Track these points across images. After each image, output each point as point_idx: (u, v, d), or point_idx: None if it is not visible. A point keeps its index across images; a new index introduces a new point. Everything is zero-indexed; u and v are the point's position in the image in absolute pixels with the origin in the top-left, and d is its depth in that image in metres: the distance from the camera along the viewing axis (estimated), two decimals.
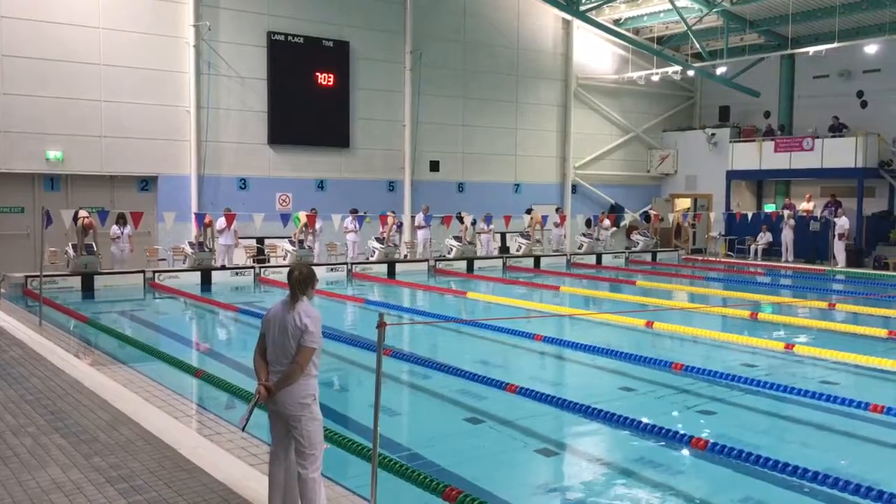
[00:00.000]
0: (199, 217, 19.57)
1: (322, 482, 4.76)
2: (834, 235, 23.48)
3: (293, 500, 4.78)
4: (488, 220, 23.41)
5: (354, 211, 21.55)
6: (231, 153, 21.60)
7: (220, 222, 19.35)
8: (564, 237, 25.89)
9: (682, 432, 7.14)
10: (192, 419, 7.52)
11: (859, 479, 5.70)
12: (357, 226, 21.25)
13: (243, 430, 5.02)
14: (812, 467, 5.92)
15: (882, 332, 12.19)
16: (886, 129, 24.91)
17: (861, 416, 7.78)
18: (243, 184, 21.80)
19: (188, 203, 20.75)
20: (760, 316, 14.13)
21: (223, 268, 19.36)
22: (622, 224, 27.45)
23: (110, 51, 19.69)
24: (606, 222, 26.45)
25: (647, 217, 27.01)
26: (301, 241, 20.08)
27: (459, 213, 23.55)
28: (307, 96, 22.53)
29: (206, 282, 18.66)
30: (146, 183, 20.70)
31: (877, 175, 24.80)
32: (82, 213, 17.26)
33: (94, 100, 19.56)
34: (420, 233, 22.80)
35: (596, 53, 28.79)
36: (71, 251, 17.41)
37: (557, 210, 26.32)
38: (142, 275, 18.11)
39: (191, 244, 19.27)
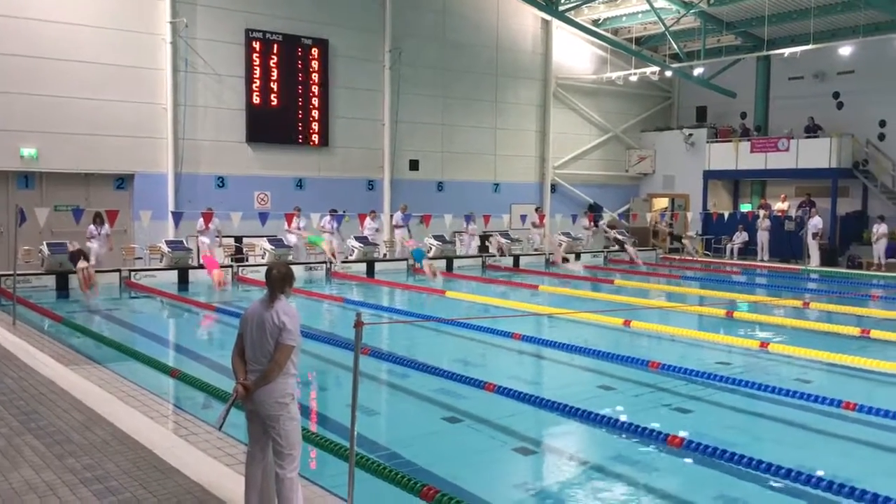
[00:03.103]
0: (176, 216, 19.41)
1: (299, 482, 4.74)
2: (808, 235, 23.78)
3: (270, 500, 4.76)
4: (468, 219, 23.41)
5: (334, 211, 21.47)
6: (208, 151, 21.45)
7: (200, 223, 19.21)
8: (544, 236, 25.94)
9: (658, 430, 7.19)
10: (168, 419, 7.46)
11: (832, 476, 5.78)
12: (335, 226, 21.18)
13: (220, 429, 5.00)
14: (786, 464, 5.98)
15: (855, 331, 12.34)
16: (860, 130, 25.23)
17: (834, 413, 7.88)
18: (221, 182, 21.66)
19: (165, 201, 20.57)
20: (736, 315, 14.26)
21: (201, 267, 19.20)
22: (600, 223, 27.56)
23: (86, 47, 19.47)
24: (585, 221, 26.61)
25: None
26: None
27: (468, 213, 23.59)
28: (285, 94, 22.42)
29: (183, 281, 18.52)
30: (122, 181, 20.50)
31: (851, 175, 25.11)
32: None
33: (70, 97, 19.33)
34: (398, 232, 22.77)
35: (575, 53, 28.91)
36: (46, 250, 17.20)
37: (537, 210, 26.41)
38: (118, 274, 17.94)
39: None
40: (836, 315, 14.67)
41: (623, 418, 7.49)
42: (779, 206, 26.41)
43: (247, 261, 20.41)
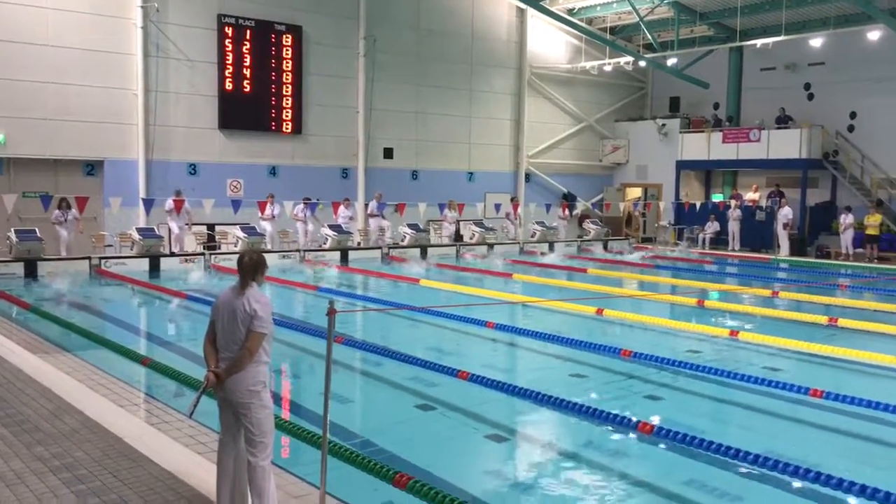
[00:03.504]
0: (147, 203, 19.21)
1: (272, 470, 4.73)
2: (778, 225, 24.09)
3: (242, 488, 4.74)
4: (441, 207, 23.40)
5: (307, 199, 21.37)
6: (180, 138, 21.21)
7: (168, 203, 19.03)
8: (521, 224, 25.94)
9: (629, 417, 7.26)
10: (138, 408, 7.40)
11: (798, 462, 5.87)
12: (307, 215, 21.09)
13: (190, 416, 4.97)
14: (754, 450, 6.07)
15: (823, 319, 12.53)
16: (830, 121, 25.54)
17: (802, 400, 8.00)
18: (193, 169, 21.44)
19: (136, 188, 20.34)
20: (707, 303, 14.41)
21: (172, 254, 19.05)
22: (574, 213, 27.70)
23: (55, 31, 19.15)
24: (560, 211, 26.76)
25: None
26: None
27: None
28: (259, 81, 22.21)
29: (154, 269, 18.34)
30: (92, 167, 20.22)
31: (820, 166, 25.43)
32: None
33: (38, 81, 19.02)
34: (372, 221, 22.70)
35: (549, 43, 28.93)
36: (14, 237, 16.94)
37: (512, 199, 26.48)
38: (87, 261, 17.72)
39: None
40: (805, 304, 14.88)
41: (595, 406, 7.54)
42: (750, 196, 26.68)
43: (219, 249, 20.24)
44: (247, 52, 22.01)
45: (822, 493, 5.58)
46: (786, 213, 24.06)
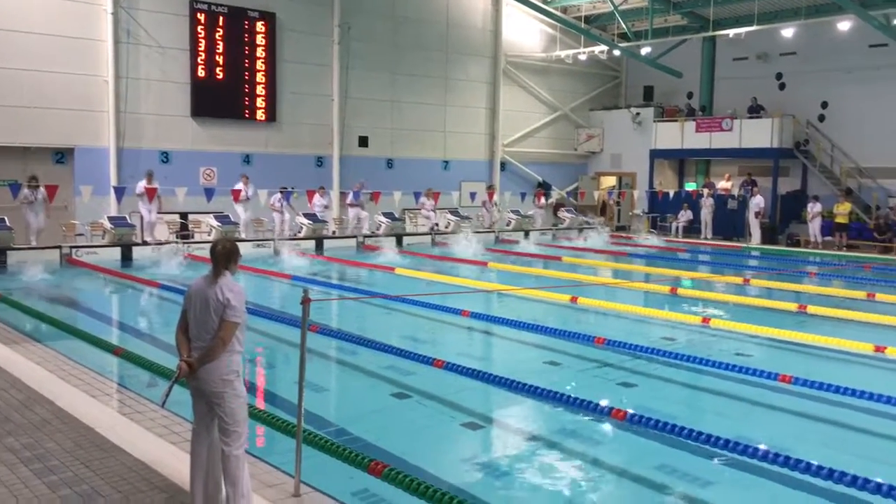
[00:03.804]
0: (119, 191, 18.97)
1: (246, 459, 4.72)
2: (750, 213, 24.36)
3: (216, 477, 4.73)
4: (417, 196, 23.36)
5: (284, 189, 21.24)
6: (152, 125, 20.96)
7: (140, 186, 18.82)
8: (500, 211, 25.96)
9: (603, 404, 7.33)
10: (111, 398, 7.34)
11: (768, 446, 5.96)
12: (283, 204, 20.97)
13: (163, 406, 4.94)
14: (725, 435, 6.16)
15: (793, 306, 12.70)
16: (801, 110, 25.83)
17: (772, 386, 8.11)
18: (165, 157, 21.21)
19: (106, 176, 20.09)
20: (680, 291, 14.55)
21: (144, 243, 18.86)
22: (549, 201, 27.79)
23: (23, 16, 18.80)
24: (542, 200, 26.88)
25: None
26: None
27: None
28: (232, 68, 22.00)
29: (126, 258, 18.15)
30: (62, 155, 19.93)
31: (791, 156, 25.73)
32: None
33: (6, 68, 18.68)
34: (351, 211, 22.57)
35: (524, 31, 28.92)
36: None
37: (490, 188, 26.51)
38: (58, 250, 17.49)
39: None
40: (776, 291, 15.09)
41: (569, 393, 7.60)
42: (722, 184, 26.93)
43: (193, 237, 20.07)
44: (219, 38, 21.78)
45: (791, 477, 5.67)
46: (757, 201, 24.32)
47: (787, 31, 23.78)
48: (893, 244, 22.37)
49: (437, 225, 24.18)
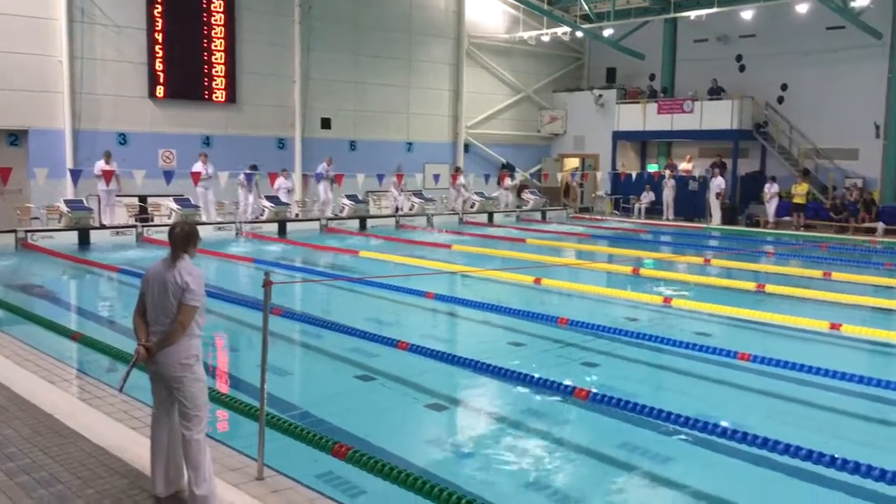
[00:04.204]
0: (75, 174, 18.57)
1: (207, 443, 4.67)
2: (711, 195, 24.68)
3: (177, 462, 4.68)
4: (380, 178, 23.23)
5: (254, 167, 20.97)
6: (108, 107, 20.53)
7: (98, 166, 18.45)
8: (466, 191, 25.92)
9: (567, 384, 7.39)
10: (69, 384, 7.21)
11: (727, 423, 6.06)
12: (249, 183, 20.74)
13: (121, 391, 4.87)
14: (685, 413, 6.24)
15: (751, 286, 12.92)
16: (761, 92, 26.16)
17: (731, 364, 8.24)
18: (123, 139, 20.80)
19: (62, 159, 19.65)
20: (642, 272, 14.71)
21: (102, 227, 18.53)
22: (513, 183, 27.84)
23: None
24: (508, 181, 26.91)
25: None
26: None
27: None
28: (190, 48, 21.60)
29: (83, 242, 17.82)
30: (15, 137, 19.43)
31: (751, 137, 26.08)
32: None
33: None
34: (320, 186, 22.33)
35: (487, 12, 28.83)
36: None
37: (458, 170, 26.46)
38: (13, 235, 17.10)
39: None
40: (735, 271, 15.32)
41: (533, 373, 7.65)
42: (683, 166, 27.21)
43: (151, 221, 19.75)
44: (177, 17, 21.34)
45: (750, 453, 5.78)
46: (718, 182, 24.65)
47: (747, 14, 24.01)
48: (849, 224, 22.84)
49: (400, 208, 24.09)
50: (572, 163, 31.37)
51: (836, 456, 5.30)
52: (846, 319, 9.91)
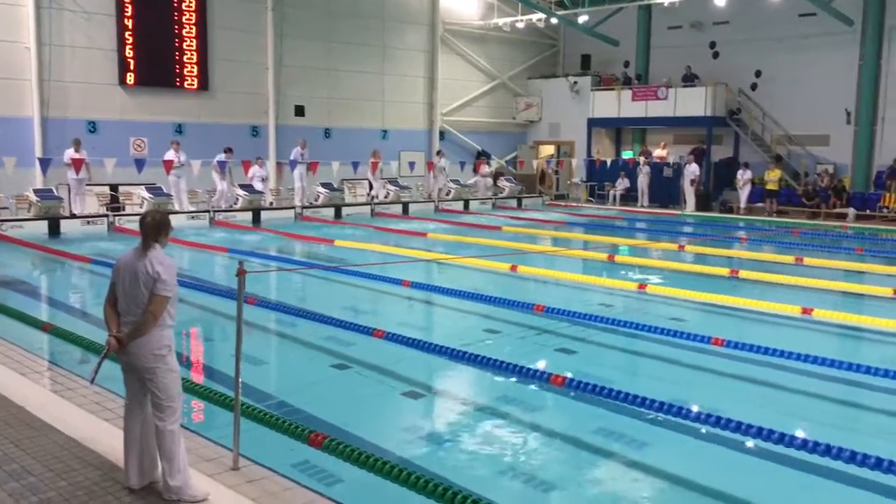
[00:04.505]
0: (44, 162, 18.27)
1: (181, 434, 4.63)
2: (686, 181, 24.83)
3: (151, 453, 4.64)
4: (355, 165, 23.11)
5: (229, 150, 20.72)
6: (78, 94, 20.20)
7: (67, 154, 18.17)
8: (445, 178, 25.86)
9: (543, 370, 7.41)
10: (41, 375, 7.11)
11: (701, 407, 6.12)
12: (223, 169, 20.54)
13: (92, 382, 4.81)
14: (660, 398, 6.29)
15: (725, 272, 13.03)
16: (734, 79, 26.33)
17: (705, 349, 8.32)
18: (93, 127, 20.49)
19: (31, 147, 19.31)
20: (617, 258, 14.78)
21: (73, 216, 18.27)
22: (490, 170, 27.84)
23: None
24: (485, 168, 26.89)
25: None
26: None
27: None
28: (161, 35, 21.27)
29: (54, 232, 17.58)
30: None
31: (724, 124, 26.25)
32: None
33: None
34: (295, 171, 22.14)
35: None
36: None
37: (439, 152, 26.39)
38: None
39: None
40: (709, 257, 15.45)
41: (509, 360, 7.66)
42: (658, 153, 27.34)
43: (123, 210, 19.52)
44: (147, 3, 21.01)
45: (724, 436, 5.84)
46: (693, 169, 24.80)
47: (720, 0, 24.10)
48: (821, 210, 23.10)
49: (375, 196, 24.00)
50: (548, 150, 31.42)
51: (808, 439, 5.37)
52: (818, 304, 10.03)
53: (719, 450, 5.92)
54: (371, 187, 24.34)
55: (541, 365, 7.77)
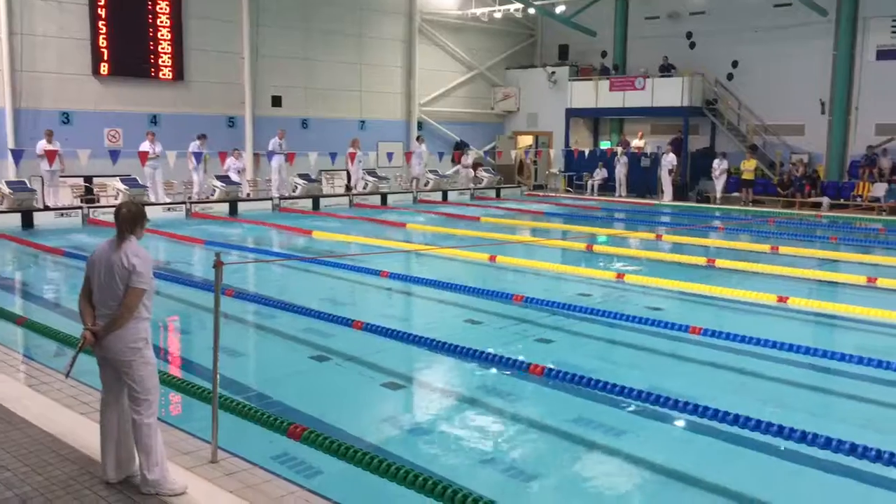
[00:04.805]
0: (17, 154, 18.00)
1: (158, 427, 4.59)
2: (663, 171, 24.97)
3: (128, 447, 4.59)
4: (333, 157, 22.99)
5: (202, 137, 20.50)
6: (51, 84, 19.90)
7: (40, 146, 17.92)
8: (424, 166, 25.78)
9: (522, 360, 7.43)
10: (15, 369, 7.03)
11: (679, 396, 6.16)
12: (195, 164, 20.34)
13: (67, 376, 4.76)
14: (638, 387, 6.33)
15: (702, 260, 13.13)
16: (711, 69, 26.46)
17: (682, 337, 8.39)
18: (66, 118, 20.21)
19: (3, 139, 19.02)
20: (595, 248, 14.85)
21: (46, 209, 18.04)
22: (471, 160, 27.80)
23: None
24: (468, 158, 26.87)
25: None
26: None
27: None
28: (134, 24, 20.98)
29: (27, 224, 17.34)
30: None
31: (701, 114, 26.39)
32: None
33: None
34: (273, 161, 21.98)
35: None
36: None
37: (419, 138, 26.31)
38: None
39: None
40: (686, 246, 15.56)
41: (489, 350, 7.68)
42: (636, 143, 27.46)
43: (97, 202, 19.29)
44: None
45: (701, 424, 5.89)
46: (670, 159, 24.93)
47: None
48: (796, 199, 23.33)
49: (354, 186, 23.91)
50: (526, 140, 31.45)
51: (784, 425, 5.43)
52: (793, 292, 10.14)
53: (697, 437, 5.98)
54: (349, 178, 24.23)
55: (520, 355, 7.79)
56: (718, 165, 24.33)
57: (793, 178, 23.75)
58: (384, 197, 23.79)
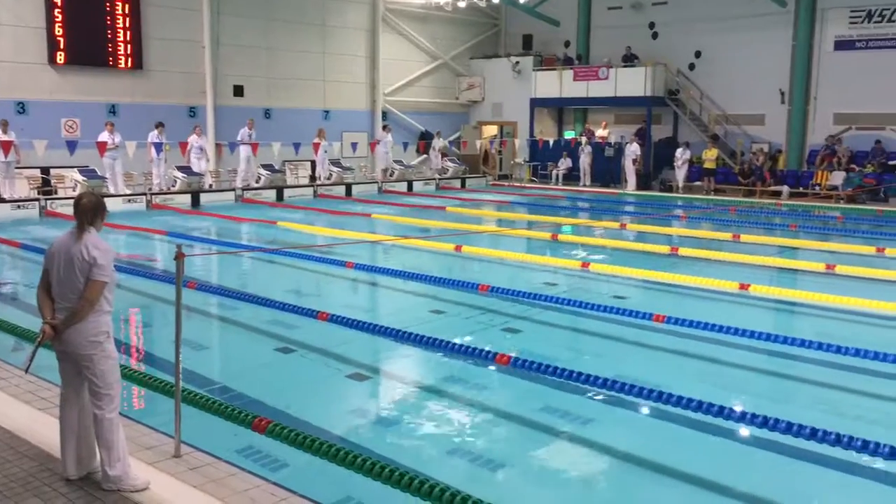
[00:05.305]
0: None
1: (120, 422, 4.51)
2: (627, 161, 25.16)
3: (89, 442, 4.51)
4: (297, 147, 22.78)
5: (160, 125, 20.12)
6: (5, 74, 19.41)
7: None
8: (389, 157, 25.66)
9: (488, 350, 7.44)
10: None
11: (644, 383, 6.22)
12: (157, 155, 20.00)
13: (27, 371, 4.65)
14: (603, 375, 6.38)
15: (665, 249, 13.26)
16: (673, 59, 26.69)
17: (646, 325, 8.47)
18: (21, 108, 19.74)
19: None
20: (560, 237, 14.92)
21: (1, 200, 17.63)
22: (442, 143, 27.73)
23: None
24: (437, 143, 26.77)
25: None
26: None
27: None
28: (91, 11, 20.53)
29: None
30: None
31: (664, 104, 26.63)
32: None
33: None
34: (242, 151, 21.71)
35: None
36: None
37: (385, 127, 26.15)
38: None
39: None
40: (650, 235, 15.71)
41: (454, 340, 7.67)
42: (600, 133, 27.63)
43: (55, 193, 18.89)
44: None
45: (665, 411, 5.96)
46: (634, 149, 25.12)
47: None
48: (756, 188, 23.67)
49: (320, 176, 23.73)
50: (491, 130, 31.46)
51: (746, 411, 5.51)
52: (754, 279, 10.29)
53: (661, 424, 6.04)
54: (314, 168, 24.04)
55: (486, 344, 7.80)
56: (681, 155, 24.58)
57: (753, 168, 24.08)
58: (349, 187, 23.65)
